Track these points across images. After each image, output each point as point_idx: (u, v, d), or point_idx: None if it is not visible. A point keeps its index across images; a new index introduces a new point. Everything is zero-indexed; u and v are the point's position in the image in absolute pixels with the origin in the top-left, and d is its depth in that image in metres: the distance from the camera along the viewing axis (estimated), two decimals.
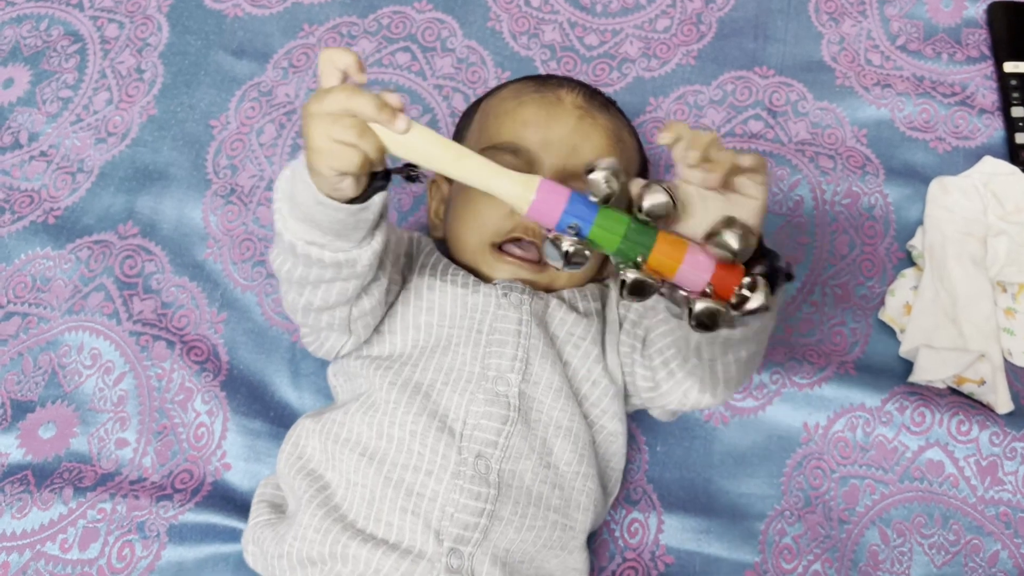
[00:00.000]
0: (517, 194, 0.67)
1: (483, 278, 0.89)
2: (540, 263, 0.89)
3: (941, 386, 1.03)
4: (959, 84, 1.22)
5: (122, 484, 0.98)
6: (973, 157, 1.16)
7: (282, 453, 0.88)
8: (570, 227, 0.66)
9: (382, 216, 0.73)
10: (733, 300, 0.68)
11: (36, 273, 1.10)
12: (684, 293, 0.69)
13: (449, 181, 1.00)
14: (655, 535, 0.98)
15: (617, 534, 0.98)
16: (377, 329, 0.87)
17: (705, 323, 0.67)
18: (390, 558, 0.77)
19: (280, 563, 0.81)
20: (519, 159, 0.89)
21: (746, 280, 0.68)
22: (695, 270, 0.67)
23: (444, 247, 0.95)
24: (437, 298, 0.86)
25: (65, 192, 1.15)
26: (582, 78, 1.16)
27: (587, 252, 0.67)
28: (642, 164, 1.02)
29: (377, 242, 0.73)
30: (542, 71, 1.22)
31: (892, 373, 1.04)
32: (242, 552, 0.89)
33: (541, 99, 0.93)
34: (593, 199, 0.66)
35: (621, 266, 0.68)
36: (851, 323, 1.08)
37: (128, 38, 1.26)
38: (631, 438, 1.00)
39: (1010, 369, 1.03)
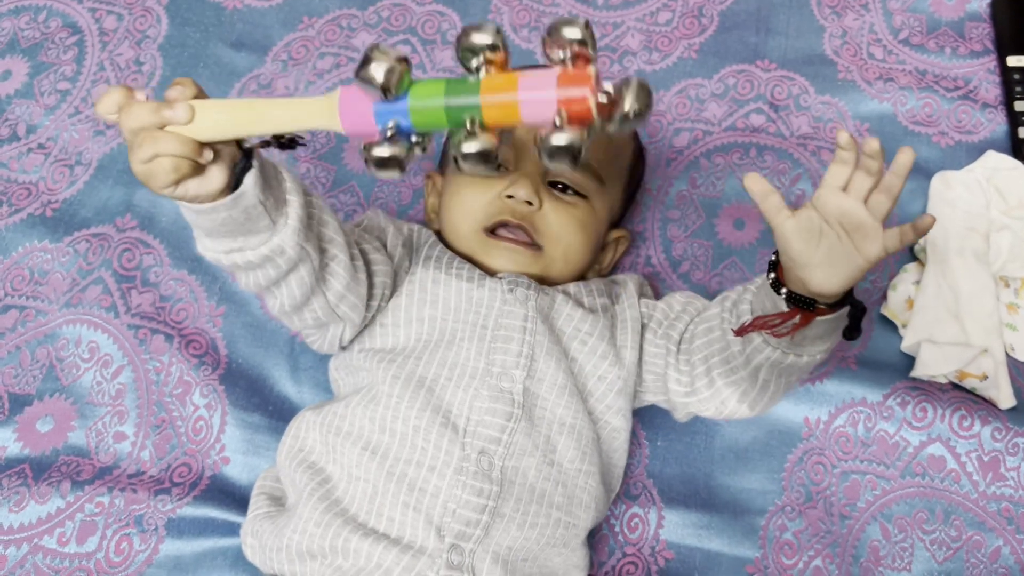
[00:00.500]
0: (326, 116, 0.63)
1: (484, 269, 0.89)
2: (532, 245, 0.88)
3: (943, 381, 1.02)
4: (962, 78, 1.21)
5: (120, 478, 0.97)
6: (976, 152, 1.15)
7: (282, 446, 0.87)
8: (389, 127, 0.60)
9: (280, 193, 0.70)
10: (595, 111, 0.58)
11: (34, 266, 1.09)
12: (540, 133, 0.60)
13: (442, 173, 1.00)
14: (655, 530, 0.98)
15: (617, 529, 0.98)
16: (380, 322, 0.86)
17: (565, 157, 0.58)
18: (391, 552, 0.76)
19: (279, 556, 0.81)
20: (506, 144, 0.88)
21: (607, 87, 0.58)
22: (538, 98, 0.57)
23: (444, 241, 0.94)
24: (441, 291, 0.86)
25: (63, 185, 1.15)
26: None
27: (402, 157, 0.61)
28: (637, 153, 1.02)
29: (293, 219, 0.71)
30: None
31: (894, 368, 1.04)
32: (241, 546, 0.89)
33: None
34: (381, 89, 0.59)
35: (455, 137, 0.60)
36: None
37: (127, 30, 1.25)
38: (631, 433, 1.00)
39: (1012, 364, 1.03)
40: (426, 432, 0.80)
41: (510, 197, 0.87)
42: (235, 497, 0.96)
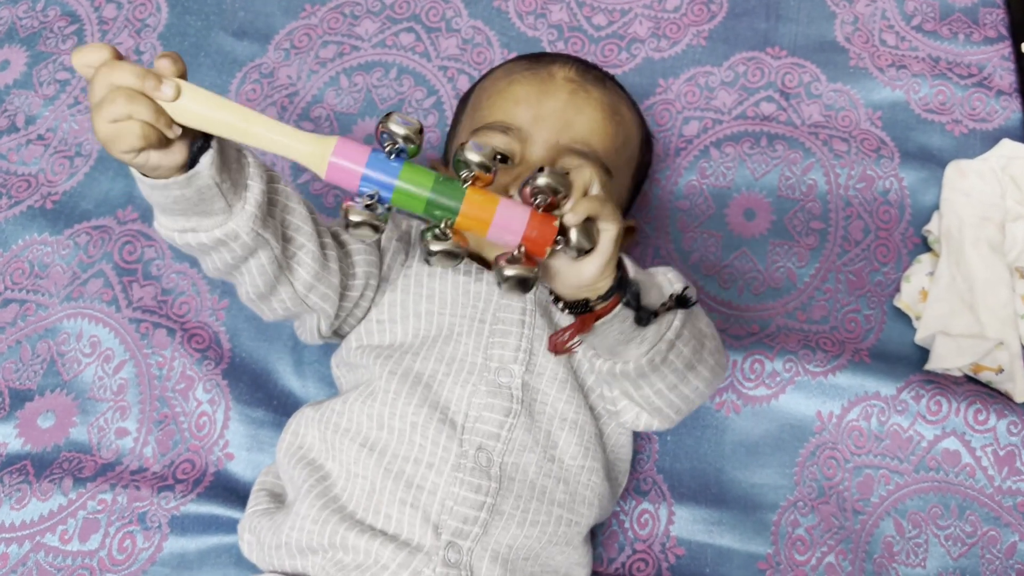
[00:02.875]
0: (313, 154, 0.62)
1: (485, 264, 0.87)
2: None
3: (958, 374, 1.01)
4: (976, 65, 1.19)
5: (123, 474, 0.96)
6: (990, 140, 1.13)
7: (281, 442, 0.86)
8: (368, 194, 0.62)
9: (241, 177, 0.69)
10: (551, 249, 0.64)
11: (34, 259, 1.08)
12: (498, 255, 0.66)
13: (445, 164, 0.98)
14: (665, 526, 0.96)
15: (627, 525, 0.96)
16: (376, 318, 0.85)
17: (517, 289, 0.65)
18: (388, 548, 0.75)
19: (278, 553, 0.80)
20: (510, 137, 0.86)
21: (559, 237, 0.64)
22: (508, 227, 0.63)
23: None
24: (438, 285, 0.84)
25: (63, 176, 1.13)
26: (590, 59, 1.14)
27: (377, 224, 0.63)
28: (644, 141, 0.99)
29: (251, 205, 0.69)
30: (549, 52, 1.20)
31: (908, 361, 1.02)
32: None
33: (533, 76, 0.91)
34: (392, 154, 0.62)
35: (427, 233, 0.64)
36: (866, 310, 1.06)
37: (126, 19, 1.24)
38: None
39: None
40: (424, 428, 0.78)
41: None
42: (239, 494, 0.95)
